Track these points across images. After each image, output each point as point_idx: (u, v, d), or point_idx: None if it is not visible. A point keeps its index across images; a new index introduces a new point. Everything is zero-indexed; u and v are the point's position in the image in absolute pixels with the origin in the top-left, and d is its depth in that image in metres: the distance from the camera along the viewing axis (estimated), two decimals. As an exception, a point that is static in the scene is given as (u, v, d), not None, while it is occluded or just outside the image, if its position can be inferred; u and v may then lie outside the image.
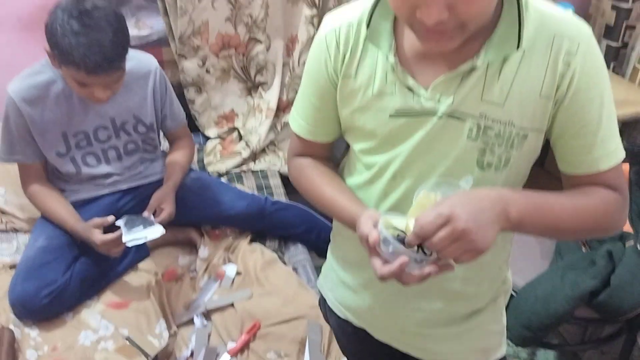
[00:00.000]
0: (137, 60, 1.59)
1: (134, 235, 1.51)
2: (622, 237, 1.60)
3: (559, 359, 2.05)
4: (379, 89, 0.82)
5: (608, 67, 2.32)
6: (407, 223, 0.74)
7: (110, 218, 1.55)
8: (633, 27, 2.31)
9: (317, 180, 0.96)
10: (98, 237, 1.52)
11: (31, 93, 1.53)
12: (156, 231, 1.53)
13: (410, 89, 0.80)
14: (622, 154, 0.81)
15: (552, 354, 2.07)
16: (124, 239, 1.50)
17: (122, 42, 1.43)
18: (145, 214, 1.61)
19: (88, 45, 1.35)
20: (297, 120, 0.96)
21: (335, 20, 0.86)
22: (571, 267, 1.58)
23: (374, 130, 0.85)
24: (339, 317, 1.09)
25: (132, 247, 1.68)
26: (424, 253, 0.73)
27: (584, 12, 2.44)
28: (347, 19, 0.84)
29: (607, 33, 2.36)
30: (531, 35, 0.76)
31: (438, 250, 0.70)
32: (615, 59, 2.36)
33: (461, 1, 0.66)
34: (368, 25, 0.81)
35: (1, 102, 1.57)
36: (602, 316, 1.56)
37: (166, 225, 1.61)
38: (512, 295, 1.62)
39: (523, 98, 0.77)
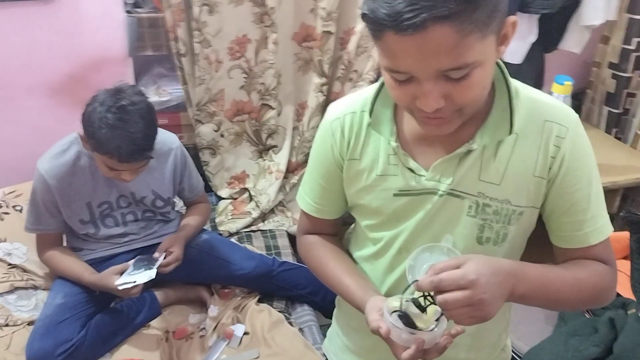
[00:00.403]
0: (160, 138, 1.64)
1: (125, 279, 1.58)
2: (624, 305, 1.62)
3: None
4: (383, 170, 0.88)
5: (609, 133, 2.40)
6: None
7: (131, 262, 1.64)
8: (633, 95, 2.38)
9: (324, 259, 1.01)
10: (115, 283, 1.59)
11: (61, 171, 1.62)
12: (146, 275, 1.59)
13: (411, 170, 0.86)
14: (610, 229, 0.87)
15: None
16: (115, 282, 1.57)
17: (152, 134, 1.54)
18: (156, 254, 1.68)
19: (122, 138, 1.46)
20: (306, 199, 1.02)
21: (340, 109, 0.93)
22: (574, 333, 1.59)
23: (379, 208, 0.91)
24: None
25: (145, 303, 1.75)
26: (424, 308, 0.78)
27: (585, 80, 2.53)
28: (350, 107, 0.92)
29: (608, 100, 2.43)
30: (523, 120, 0.82)
31: (446, 307, 0.72)
32: (617, 125, 2.43)
33: (456, 90, 0.71)
34: (370, 114, 0.88)
35: (26, 164, 1.64)
36: (604, 383, 1.56)
37: (176, 277, 1.73)
38: (516, 360, 1.64)
39: (518, 178, 0.83)
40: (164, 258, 1.67)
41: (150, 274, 1.59)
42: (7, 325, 1.68)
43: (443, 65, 0.68)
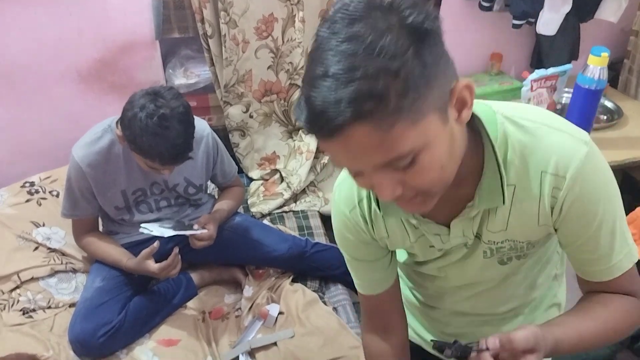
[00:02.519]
0: None
1: (149, 227, 1.66)
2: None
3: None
4: (414, 237, 0.89)
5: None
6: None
7: (156, 244, 1.66)
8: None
9: None
10: (153, 266, 1.63)
11: (95, 159, 1.64)
12: (166, 231, 1.65)
13: (437, 234, 0.87)
14: (630, 262, 0.82)
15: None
16: (142, 225, 1.66)
17: (191, 135, 1.55)
18: (196, 226, 1.71)
19: (165, 145, 1.47)
20: (360, 285, 1.00)
21: (351, 196, 0.90)
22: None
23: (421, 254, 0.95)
24: None
25: (182, 284, 1.79)
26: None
27: (622, 49, 2.44)
28: (359, 193, 0.89)
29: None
30: (520, 171, 0.77)
31: None
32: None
33: (409, 177, 0.66)
34: (377, 202, 0.86)
35: (60, 150, 1.67)
36: (644, 360, 1.55)
37: (211, 259, 1.84)
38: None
39: (523, 227, 0.83)
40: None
41: (164, 233, 1.64)
42: (49, 307, 1.74)
43: (377, 160, 0.63)
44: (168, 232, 1.65)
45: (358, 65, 0.57)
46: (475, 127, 0.76)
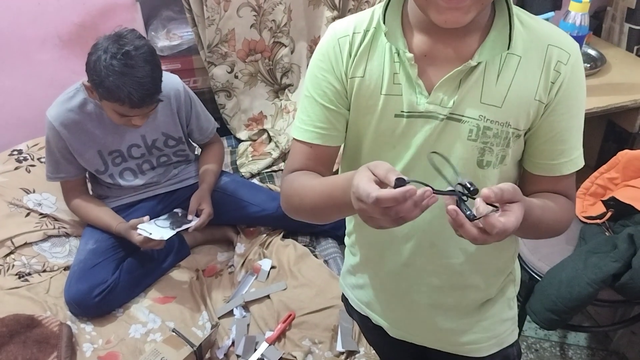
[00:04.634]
0: (163, 81, 1.64)
1: (146, 227, 1.66)
2: (644, 220, 1.63)
3: (590, 340, 2.09)
4: (387, 89, 0.86)
5: (631, 50, 2.34)
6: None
7: (146, 218, 1.68)
8: (655, 9, 2.29)
9: (308, 180, 0.91)
10: (137, 238, 1.65)
11: (68, 117, 1.64)
12: (165, 233, 1.66)
13: (414, 89, 0.84)
14: (582, 163, 0.90)
15: (582, 336, 2.10)
16: (138, 226, 1.65)
17: (159, 76, 1.55)
18: (189, 217, 1.73)
19: (132, 84, 1.47)
20: (304, 128, 0.92)
21: (348, 27, 0.88)
22: (594, 251, 1.61)
23: (378, 129, 0.88)
24: (360, 313, 1.16)
25: (174, 246, 1.81)
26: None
27: (605, -4, 2.44)
28: (358, 26, 0.88)
29: (628, 17, 2.35)
30: (527, 42, 0.82)
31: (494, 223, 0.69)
32: (638, 42, 2.35)
33: None
34: (384, 22, 0.84)
35: (45, 117, 1.68)
36: (625, 298, 1.59)
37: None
38: (537, 280, 1.68)
39: (520, 101, 0.83)
40: (197, 217, 1.74)
41: (164, 235, 1.65)
42: (44, 271, 1.77)
43: None
44: (168, 233, 1.66)
45: None
46: None
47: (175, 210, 1.84)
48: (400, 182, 0.66)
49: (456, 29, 0.78)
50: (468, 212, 0.69)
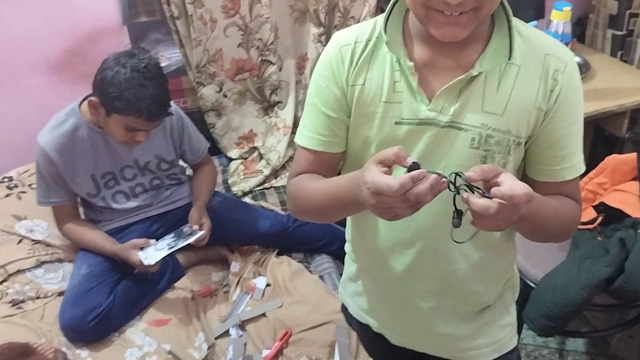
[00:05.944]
0: None
1: (149, 255, 1.65)
2: (635, 225, 1.64)
3: (588, 345, 2.09)
4: (387, 97, 0.88)
5: (615, 56, 2.37)
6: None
7: (152, 241, 1.68)
8: (637, 15, 2.32)
9: (312, 181, 0.94)
10: (136, 257, 1.64)
11: (60, 142, 1.65)
12: (156, 256, 1.65)
13: (415, 97, 0.85)
14: (583, 168, 0.92)
15: (581, 342, 2.10)
16: (139, 256, 1.64)
17: (168, 91, 1.59)
18: (195, 227, 1.74)
19: (151, 96, 1.51)
20: (307, 134, 0.95)
21: (350, 36, 0.91)
22: (587, 256, 1.62)
23: (379, 137, 0.90)
24: (360, 322, 1.16)
25: (168, 267, 1.81)
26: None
27: (588, 5, 2.47)
28: (360, 36, 0.90)
29: (611, 23, 2.38)
30: (525, 52, 0.84)
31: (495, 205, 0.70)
32: (622, 47, 2.39)
33: None
34: (385, 32, 0.86)
35: (35, 144, 1.68)
36: (620, 302, 1.60)
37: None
38: (532, 287, 1.68)
39: (520, 109, 0.85)
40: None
41: (165, 253, 1.66)
42: (38, 297, 1.75)
43: None
44: (162, 254, 1.66)
45: None
46: None
47: (181, 227, 1.81)
48: (414, 166, 0.71)
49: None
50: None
